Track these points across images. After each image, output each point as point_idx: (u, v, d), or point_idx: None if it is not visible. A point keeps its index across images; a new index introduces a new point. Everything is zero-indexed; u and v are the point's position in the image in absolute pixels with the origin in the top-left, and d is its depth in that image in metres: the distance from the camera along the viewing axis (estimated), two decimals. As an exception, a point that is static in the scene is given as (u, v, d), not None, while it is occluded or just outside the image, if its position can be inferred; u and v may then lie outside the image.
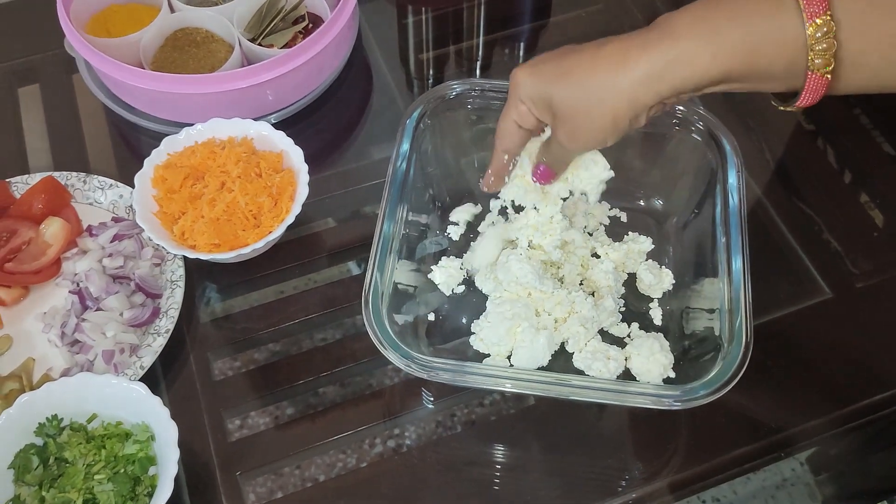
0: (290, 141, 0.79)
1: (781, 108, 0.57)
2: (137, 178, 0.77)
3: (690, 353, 0.70)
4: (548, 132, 0.67)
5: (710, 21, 0.53)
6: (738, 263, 0.67)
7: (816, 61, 0.51)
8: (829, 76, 0.52)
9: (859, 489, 0.72)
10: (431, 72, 0.99)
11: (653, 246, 0.78)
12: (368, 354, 0.74)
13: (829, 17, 0.50)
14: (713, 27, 0.52)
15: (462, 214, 0.81)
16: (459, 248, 0.80)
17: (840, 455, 0.72)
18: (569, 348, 0.72)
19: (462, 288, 0.77)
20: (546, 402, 0.73)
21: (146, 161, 0.78)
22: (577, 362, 0.71)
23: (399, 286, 0.72)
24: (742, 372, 0.62)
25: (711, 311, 0.68)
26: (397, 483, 0.69)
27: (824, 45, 0.50)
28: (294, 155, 0.78)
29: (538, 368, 0.70)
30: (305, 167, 0.77)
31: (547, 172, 0.69)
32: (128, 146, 0.90)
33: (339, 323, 0.77)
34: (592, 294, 0.75)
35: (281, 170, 0.78)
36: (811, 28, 0.50)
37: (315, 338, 0.76)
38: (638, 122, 0.58)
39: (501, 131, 0.66)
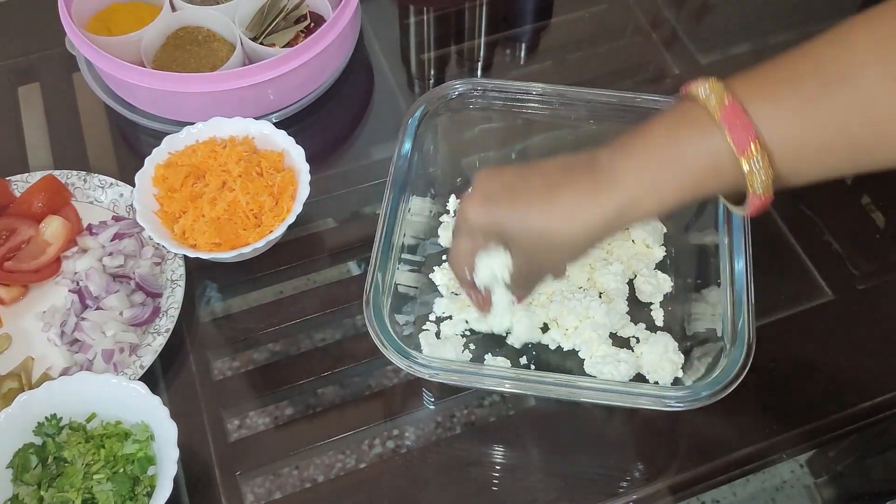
0: (291, 140, 0.79)
1: (732, 210, 0.59)
2: (138, 177, 0.77)
3: (693, 355, 0.70)
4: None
5: (651, 169, 0.54)
6: (740, 265, 0.66)
7: (755, 186, 0.52)
8: (770, 195, 0.53)
9: (859, 491, 0.72)
10: (433, 72, 0.99)
11: (664, 254, 0.78)
12: (369, 355, 0.74)
13: (759, 149, 0.50)
14: (653, 177, 0.54)
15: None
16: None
17: (840, 457, 0.72)
18: (581, 354, 0.72)
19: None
20: (546, 403, 0.72)
21: (147, 160, 0.78)
22: (589, 367, 0.71)
23: (400, 286, 0.72)
24: (745, 373, 0.61)
25: (714, 312, 0.68)
26: (397, 484, 0.69)
27: (762, 177, 0.51)
28: (295, 154, 0.78)
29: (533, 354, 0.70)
30: (307, 166, 0.77)
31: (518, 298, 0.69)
32: (128, 145, 0.90)
33: (339, 323, 0.77)
34: (600, 295, 0.75)
35: (282, 169, 0.78)
36: (745, 164, 0.51)
37: (315, 338, 0.76)
38: (593, 248, 0.60)
39: (459, 261, 0.64)
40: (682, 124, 0.53)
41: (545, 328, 0.74)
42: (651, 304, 0.75)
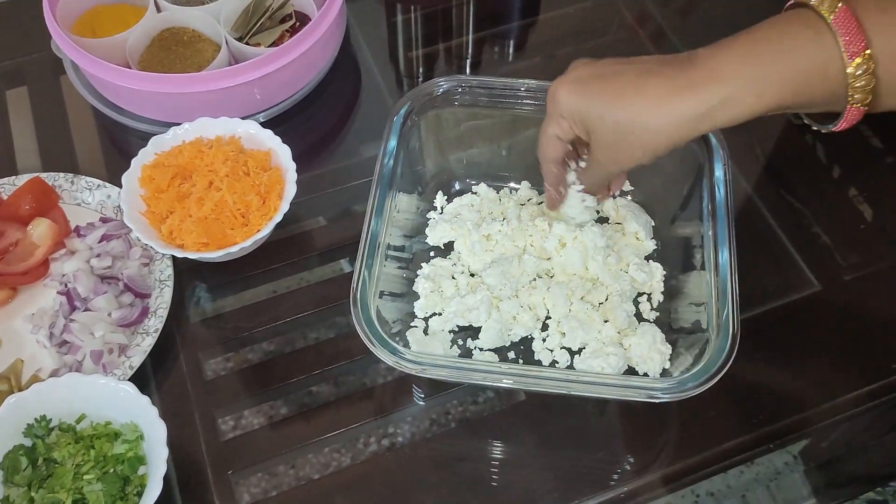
0: (277, 140, 0.79)
1: (815, 128, 0.59)
2: (125, 178, 0.77)
3: (679, 346, 0.71)
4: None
5: (756, 62, 0.54)
6: (724, 256, 0.67)
7: (856, 96, 0.53)
8: (866, 107, 0.53)
9: (850, 479, 0.72)
10: (420, 70, 0.99)
11: (654, 246, 0.78)
12: (361, 352, 0.74)
13: (868, 55, 0.51)
14: (759, 69, 0.53)
15: (451, 211, 0.81)
16: (447, 247, 0.80)
17: (831, 447, 0.72)
18: (571, 346, 0.72)
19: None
20: (537, 398, 0.73)
21: (133, 161, 0.78)
22: (578, 362, 0.71)
23: (387, 284, 0.72)
24: (729, 364, 0.62)
25: (699, 303, 0.68)
26: (391, 480, 0.69)
27: (863, 82, 0.52)
28: (282, 153, 0.78)
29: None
30: (293, 165, 0.77)
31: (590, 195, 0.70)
32: (115, 146, 0.90)
33: (330, 321, 0.77)
34: (593, 283, 0.75)
35: (269, 168, 0.78)
36: (851, 67, 0.52)
37: (307, 336, 0.76)
38: (675, 148, 0.59)
39: (545, 146, 0.66)
40: (793, 23, 0.53)
41: (544, 326, 0.74)
42: (642, 294, 0.76)
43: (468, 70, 0.99)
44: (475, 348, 0.73)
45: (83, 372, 0.70)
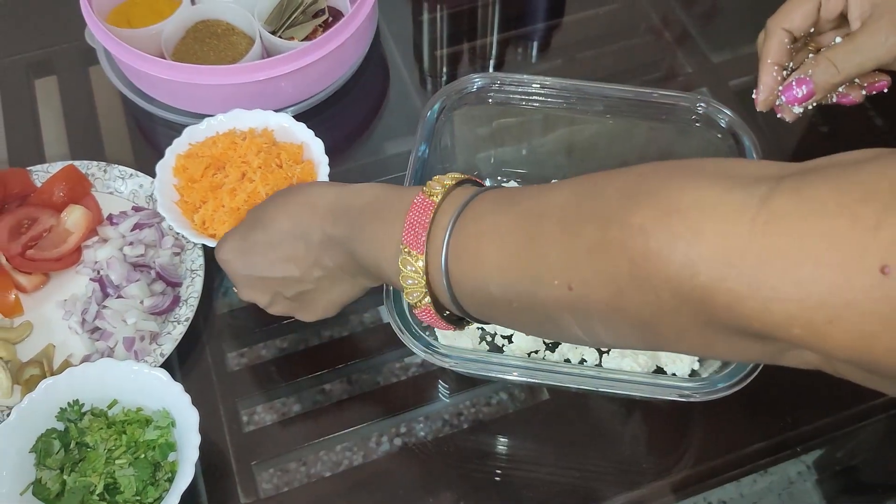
0: (310, 133, 0.79)
1: None
2: (159, 167, 0.77)
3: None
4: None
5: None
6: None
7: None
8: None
9: (865, 489, 0.72)
10: (445, 69, 1.00)
11: None
12: (386, 347, 0.75)
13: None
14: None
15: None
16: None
17: (845, 456, 0.72)
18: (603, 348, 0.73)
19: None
20: (560, 397, 0.73)
21: (168, 150, 0.78)
22: (607, 361, 0.71)
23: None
24: (761, 366, 0.62)
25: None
26: (413, 475, 0.69)
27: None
28: (314, 147, 0.79)
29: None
30: (326, 159, 0.77)
31: (807, 87, 0.62)
32: (144, 137, 0.91)
33: (358, 315, 0.77)
34: None
35: (301, 161, 0.79)
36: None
37: (334, 330, 0.77)
38: None
39: (792, 8, 0.59)
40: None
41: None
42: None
43: (492, 70, 0.99)
44: (503, 345, 0.73)
45: (115, 358, 0.70)
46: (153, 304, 0.73)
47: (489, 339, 0.74)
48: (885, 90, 0.65)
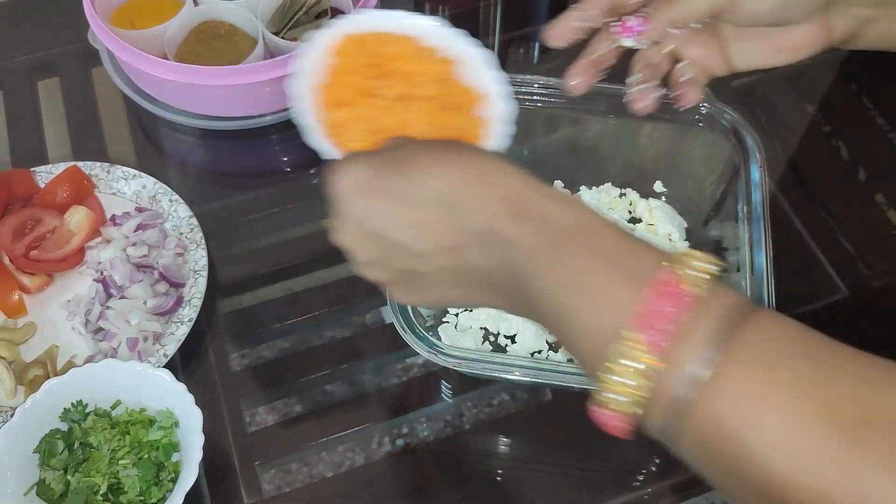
0: (505, 89, 0.59)
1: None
2: (317, 36, 0.59)
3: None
4: None
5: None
6: (760, 258, 0.67)
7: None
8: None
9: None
10: (448, 70, 1.00)
11: (688, 248, 0.79)
12: (389, 348, 0.75)
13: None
14: None
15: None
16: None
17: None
18: None
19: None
20: (563, 397, 0.73)
21: (335, 24, 0.60)
22: None
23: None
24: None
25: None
26: (415, 476, 0.70)
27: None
28: (500, 107, 0.59)
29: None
30: (509, 129, 0.58)
31: (645, 22, 0.59)
32: (147, 137, 0.91)
33: (360, 316, 0.77)
34: None
35: (471, 115, 0.59)
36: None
37: (338, 331, 0.77)
38: None
39: None
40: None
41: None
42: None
43: (494, 71, 0.99)
44: (506, 345, 0.73)
45: (118, 359, 0.71)
46: (156, 305, 0.73)
47: (492, 339, 0.74)
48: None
